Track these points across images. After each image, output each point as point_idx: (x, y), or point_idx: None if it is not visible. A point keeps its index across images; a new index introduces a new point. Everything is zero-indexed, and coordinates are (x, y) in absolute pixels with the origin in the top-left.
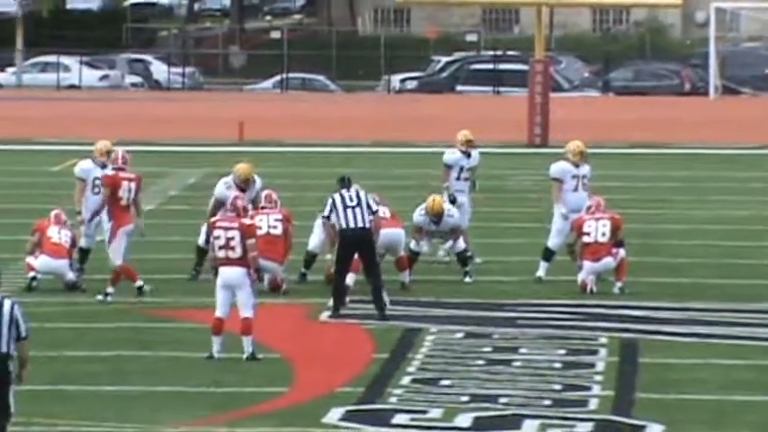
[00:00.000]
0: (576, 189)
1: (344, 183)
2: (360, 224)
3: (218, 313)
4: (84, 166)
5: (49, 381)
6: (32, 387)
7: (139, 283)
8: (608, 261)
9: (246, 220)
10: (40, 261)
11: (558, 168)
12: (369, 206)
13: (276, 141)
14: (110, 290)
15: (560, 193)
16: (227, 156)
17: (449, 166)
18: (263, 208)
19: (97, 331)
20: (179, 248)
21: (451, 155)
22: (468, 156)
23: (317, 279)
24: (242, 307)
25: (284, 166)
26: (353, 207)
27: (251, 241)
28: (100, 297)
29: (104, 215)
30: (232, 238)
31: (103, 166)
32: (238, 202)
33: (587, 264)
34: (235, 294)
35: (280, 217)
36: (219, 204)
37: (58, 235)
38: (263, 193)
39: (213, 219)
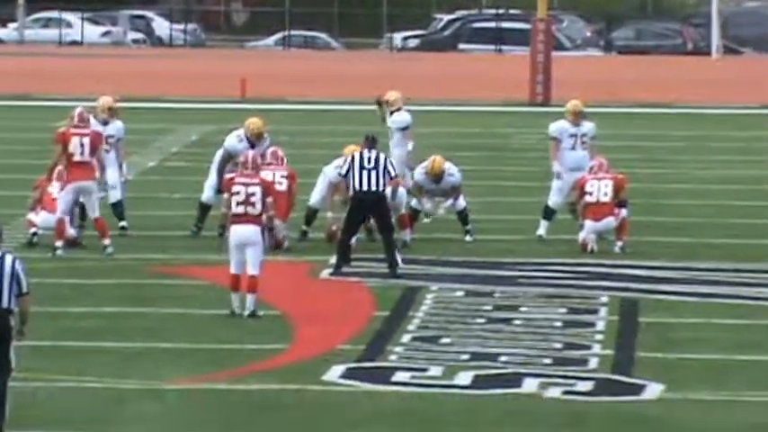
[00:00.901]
0: (573, 148)
1: (369, 142)
2: (373, 187)
3: (234, 270)
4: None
5: (51, 336)
6: (34, 342)
7: (59, 244)
8: (609, 221)
9: (265, 177)
10: (41, 217)
11: (555, 127)
12: (386, 170)
13: (278, 99)
14: (106, 242)
15: (557, 152)
16: (230, 113)
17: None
18: (268, 164)
19: (99, 287)
20: (181, 205)
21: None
22: (390, 114)
23: (318, 237)
24: (250, 265)
25: (286, 124)
26: (370, 170)
27: (270, 199)
28: (108, 253)
29: (109, 172)
30: (253, 194)
31: (105, 123)
32: (258, 159)
33: (588, 223)
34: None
35: (285, 173)
36: (228, 157)
37: (58, 191)
38: (270, 150)
39: (230, 175)
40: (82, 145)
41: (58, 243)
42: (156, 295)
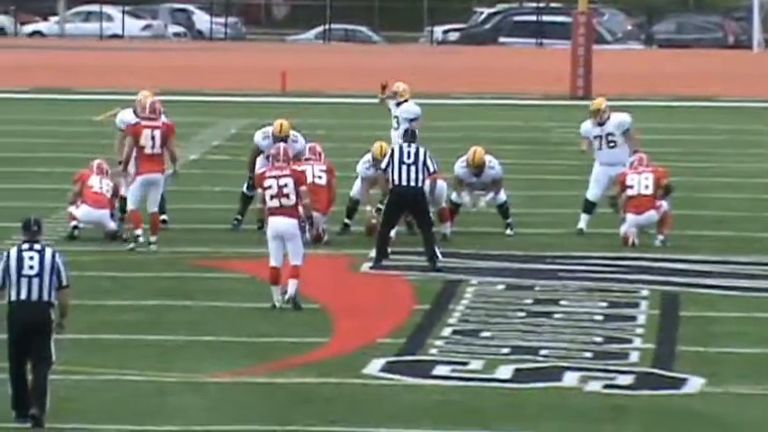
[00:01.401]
0: (600, 147)
1: (408, 136)
2: (412, 183)
3: (274, 263)
4: (126, 117)
5: (91, 330)
6: (74, 336)
7: (139, 232)
8: (651, 214)
9: (297, 168)
10: (82, 211)
11: (583, 128)
12: (425, 165)
13: (318, 92)
14: (153, 238)
15: (590, 148)
16: (270, 106)
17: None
18: (307, 159)
19: (139, 281)
20: (222, 198)
21: (391, 104)
22: (398, 105)
23: (358, 230)
24: (292, 256)
25: (326, 117)
26: (409, 165)
27: (303, 188)
28: (153, 247)
29: None
30: (285, 186)
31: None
32: (290, 151)
33: (630, 216)
34: (285, 245)
35: (324, 168)
36: (257, 151)
37: (99, 184)
38: (308, 146)
39: (261, 170)
40: (153, 138)
41: (138, 231)
42: (197, 288)
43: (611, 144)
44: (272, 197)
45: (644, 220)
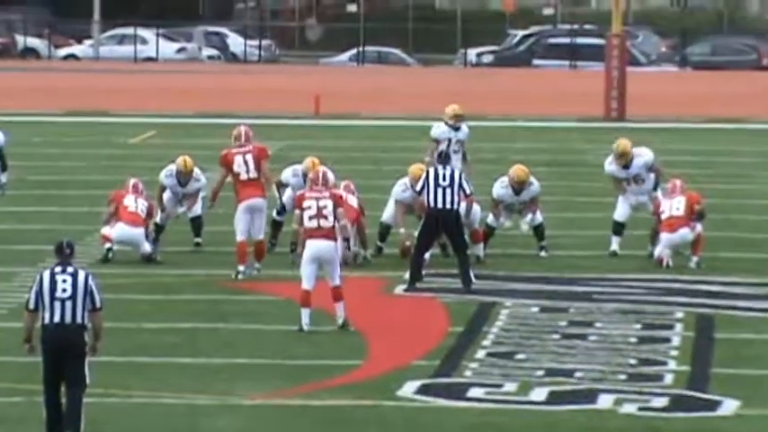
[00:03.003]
0: (629, 184)
1: (442, 158)
2: (448, 205)
3: (306, 286)
4: (165, 179)
5: (125, 352)
6: (108, 358)
7: (241, 268)
8: (685, 232)
9: (336, 191)
10: (117, 229)
11: (608, 170)
12: (461, 188)
13: (352, 115)
14: (257, 265)
15: (620, 187)
16: (304, 129)
17: (436, 140)
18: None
19: (173, 303)
20: None
21: (438, 129)
22: (456, 129)
23: (392, 252)
24: (331, 278)
25: (360, 140)
26: (445, 187)
27: (340, 210)
28: (233, 275)
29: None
30: (324, 207)
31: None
32: (329, 176)
33: (664, 236)
34: (321, 267)
35: (357, 203)
36: (279, 185)
37: (134, 204)
38: (343, 183)
39: (301, 191)
40: (246, 162)
41: (241, 267)
42: (232, 311)
43: (640, 182)
44: (310, 218)
45: (678, 239)
